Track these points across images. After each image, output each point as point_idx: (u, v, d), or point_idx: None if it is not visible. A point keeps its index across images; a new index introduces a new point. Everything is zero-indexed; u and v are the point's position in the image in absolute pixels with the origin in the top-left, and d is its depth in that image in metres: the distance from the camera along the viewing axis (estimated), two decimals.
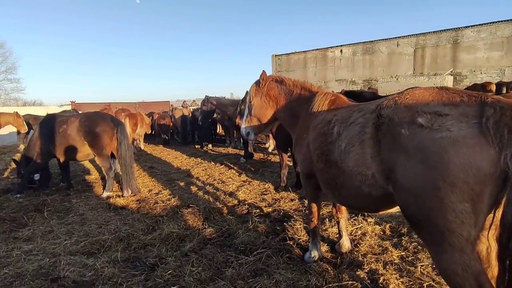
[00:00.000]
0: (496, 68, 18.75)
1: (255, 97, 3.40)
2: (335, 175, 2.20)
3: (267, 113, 3.39)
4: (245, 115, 3.61)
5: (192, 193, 5.59)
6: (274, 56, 30.25)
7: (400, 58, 22.48)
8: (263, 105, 3.38)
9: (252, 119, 3.50)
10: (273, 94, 3.30)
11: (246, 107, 3.59)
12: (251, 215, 4.37)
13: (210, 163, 8.22)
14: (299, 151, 2.92)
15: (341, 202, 2.45)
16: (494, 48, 18.81)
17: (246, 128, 3.58)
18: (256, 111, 3.42)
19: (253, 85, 3.46)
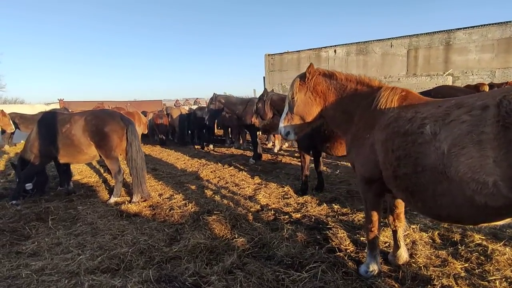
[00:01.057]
0: (487, 70, 19.11)
1: (299, 92, 3.07)
2: (430, 181, 1.90)
3: (312, 111, 3.07)
4: (284, 113, 3.27)
5: (208, 198, 5.19)
6: (267, 56, 29.95)
7: (393, 59, 22.61)
8: (308, 101, 3.05)
9: (293, 117, 3.16)
10: (320, 89, 2.98)
11: (286, 103, 3.24)
12: (281, 222, 4.05)
13: (217, 165, 7.81)
14: (359, 153, 2.60)
15: (428, 212, 2.12)
16: (485, 50, 19.16)
17: (285, 127, 3.24)
18: (299, 108, 3.09)
19: (296, 79, 3.13)
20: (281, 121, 3.29)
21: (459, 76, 20.14)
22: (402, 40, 22.21)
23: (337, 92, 2.91)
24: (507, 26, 18.41)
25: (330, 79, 2.96)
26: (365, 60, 24.17)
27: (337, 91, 2.91)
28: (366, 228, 2.73)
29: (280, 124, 3.30)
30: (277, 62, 29.28)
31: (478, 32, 19.36)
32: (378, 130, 2.40)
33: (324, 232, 3.63)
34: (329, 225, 3.83)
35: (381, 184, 2.49)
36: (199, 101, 24.02)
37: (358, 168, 2.64)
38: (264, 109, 5.63)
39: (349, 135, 2.79)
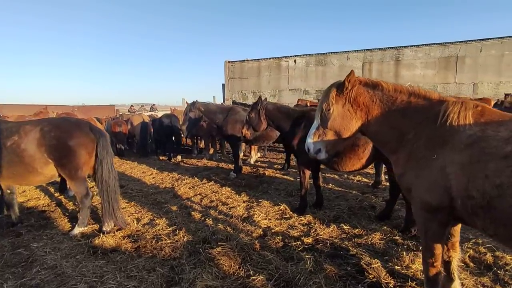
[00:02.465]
0: (430, 85, 21.01)
1: (335, 104, 2.63)
2: None
3: (351, 126, 2.64)
4: (314, 127, 2.80)
5: (198, 222, 4.45)
6: (227, 63, 29.57)
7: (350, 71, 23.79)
8: (346, 115, 2.62)
9: (326, 132, 2.71)
10: (363, 101, 2.58)
11: (318, 117, 2.77)
12: (294, 250, 3.53)
13: (194, 179, 7.01)
14: (421, 176, 2.21)
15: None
16: (429, 67, 21.13)
17: (316, 143, 2.76)
18: (335, 122, 2.65)
19: (332, 89, 2.68)
20: (310, 136, 2.81)
21: None
22: (357, 54, 23.51)
23: (383, 105, 2.52)
24: (446, 46, 20.49)
25: (374, 90, 2.58)
26: (323, 71, 25.09)
27: (383, 103, 2.52)
28: (426, 263, 2.34)
29: (309, 140, 2.81)
30: (237, 69, 28.99)
31: (422, 50, 21.27)
32: (452, 150, 2.04)
33: (351, 261, 3.19)
34: (352, 251, 3.42)
35: (449, 212, 2.14)
36: (156, 107, 22.49)
37: (419, 194, 2.25)
38: (259, 119, 5.10)
39: (401, 155, 2.41)
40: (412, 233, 3.80)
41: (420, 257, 3.16)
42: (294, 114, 4.94)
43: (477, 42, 19.24)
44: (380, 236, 3.81)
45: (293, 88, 26.47)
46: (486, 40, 19.00)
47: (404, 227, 3.90)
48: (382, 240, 3.72)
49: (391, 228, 4.05)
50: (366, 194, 5.50)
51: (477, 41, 19.25)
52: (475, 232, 3.76)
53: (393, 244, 3.62)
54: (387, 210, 4.40)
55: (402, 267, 3.03)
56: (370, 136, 2.67)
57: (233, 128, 6.95)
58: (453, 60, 19.99)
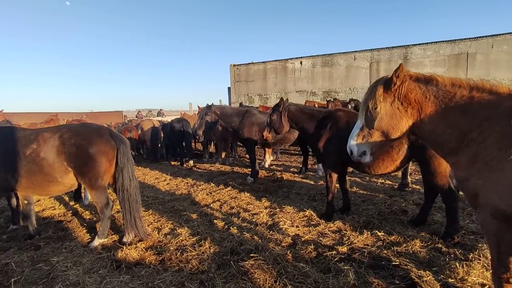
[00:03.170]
0: None
1: (383, 102, 2.41)
2: None
3: (401, 125, 2.41)
4: (357, 128, 2.59)
5: (222, 230, 4.23)
6: (232, 66, 29.49)
7: (357, 71, 23.55)
8: (395, 113, 2.40)
9: (372, 133, 2.49)
10: (414, 97, 2.35)
11: (362, 116, 2.55)
12: (330, 260, 3.28)
13: (210, 185, 6.80)
14: (492, 180, 1.97)
15: None
16: (438, 65, 20.76)
17: (360, 145, 2.55)
18: (383, 121, 2.43)
19: (378, 85, 2.46)
20: (353, 138, 2.60)
21: None
22: (364, 54, 23.23)
23: (438, 102, 2.28)
24: (455, 43, 20.13)
25: (427, 85, 2.34)
26: (330, 72, 24.84)
27: (438, 100, 2.29)
28: (499, 278, 2.08)
29: (352, 142, 2.60)
30: (243, 72, 28.89)
31: (431, 48, 20.93)
32: None
33: (397, 273, 2.94)
34: (394, 261, 3.16)
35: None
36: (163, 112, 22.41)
37: (491, 200, 2.00)
38: (281, 122, 4.88)
39: (464, 156, 2.16)
40: (455, 240, 3.53)
41: (475, 268, 2.91)
42: (318, 115, 4.71)
43: (488, 38, 18.88)
44: (420, 243, 3.55)
45: (300, 90, 26.24)
46: (498, 36, 18.62)
47: (445, 233, 3.63)
48: (424, 248, 3.46)
49: (429, 234, 3.80)
50: (394, 198, 5.23)
51: (488, 37, 18.88)
52: None
53: (437, 252, 3.36)
54: (422, 215, 4.13)
55: (457, 279, 2.77)
56: (423, 136, 2.43)
57: (250, 131, 6.74)
58: (464, 58, 19.62)
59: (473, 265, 2.97)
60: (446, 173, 3.56)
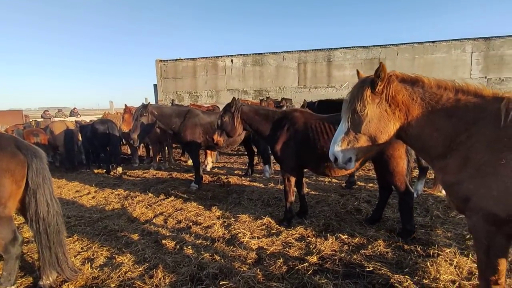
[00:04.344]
0: None
1: (371, 103, 2.21)
2: None
3: (389, 128, 2.25)
4: (342, 132, 2.33)
5: (173, 251, 3.60)
6: (158, 62, 27.56)
7: (286, 71, 24.45)
8: (383, 116, 2.23)
9: (359, 138, 2.28)
10: (401, 99, 2.21)
11: (346, 120, 2.31)
12: (304, 274, 3.02)
13: (148, 195, 5.95)
14: (485, 185, 1.93)
15: None
16: (356, 68, 22.98)
17: (345, 151, 2.31)
18: (370, 125, 2.23)
19: (364, 86, 2.25)
20: (337, 144, 2.33)
21: (338, 89, 23.44)
22: (292, 54, 24.24)
23: (425, 104, 2.18)
24: (369, 49, 22.55)
25: (413, 86, 2.22)
26: (261, 71, 25.23)
27: (425, 102, 2.18)
28: (486, 280, 2.07)
29: (336, 148, 2.33)
30: (171, 69, 27.25)
31: (350, 52, 23.04)
32: None
33: (376, 280, 2.83)
34: (367, 267, 3.07)
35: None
36: (77, 111, 19.46)
37: (482, 204, 1.96)
38: (233, 124, 4.44)
39: (452, 160, 2.10)
40: (410, 236, 3.66)
41: (442, 265, 3.00)
42: (274, 116, 4.44)
43: (394, 46, 21.66)
44: (383, 243, 3.58)
45: (231, 88, 25.99)
46: (401, 45, 21.52)
47: (403, 231, 3.74)
48: (388, 248, 3.49)
49: (388, 232, 3.88)
50: (346, 197, 5.32)
51: (394, 45, 21.66)
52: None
53: (401, 251, 3.41)
54: (377, 213, 4.23)
55: (430, 280, 2.80)
56: (410, 140, 2.31)
57: (193, 133, 6.10)
58: (376, 62, 22.06)
59: (439, 261, 3.07)
60: (403, 172, 3.66)
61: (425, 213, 4.45)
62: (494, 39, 19.79)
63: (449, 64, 20.49)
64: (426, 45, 20.98)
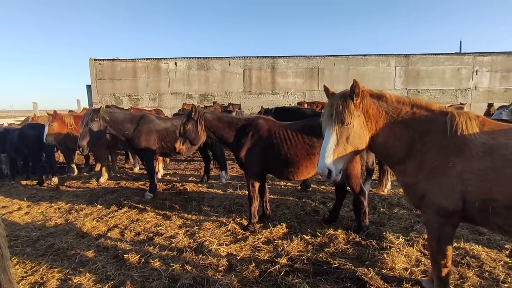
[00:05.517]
0: (300, 91, 24.29)
1: (355, 115, 2.42)
2: None
3: (366, 138, 2.50)
4: (332, 144, 2.40)
5: (138, 266, 3.39)
6: (93, 61, 25.31)
7: (232, 77, 24.66)
8: (362, 127, 2.46)
9: (346, 148, 2.43)
10: (372, 112, 2.48)
11: (334, 132, 2.40)
12: (275, 276, 3.15)
13: (96, 207, 5.45)
14: (437, 184, 2.30)
15: None
16: (298, 76, 24.34)
17: (337, 163, 2.41)
18: (355, 136, 2.44)
19: (347, 99, 2.42)
20: (329, 156, 2.38)
21: (283, 95, 24.51)
22: (238, 60, 24.57)
23: (389, 117, 2.50)
24: (310, 59, 24.07)
25: (379, 101, 2.52)
26: (206, 76, 25.02)
27: (388, 115, 2.50)
28: (438, 264, 2.46)
29: (328, 161, 2.37)
30: (107, 69, 25.29)
31: (293, 61, 24.28)
32: (469, 158, 2.20)
33: (344, 274, 3.09)
34: (333, 263, 3.33)
35: (460, 215, 2.31)
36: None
37: (434, 200, 2.33)
38: (197, 132, 4.38)
39: (410, 165, 2.45)
40: (365, 232, 4.07)
41: (395, 256, 3.40)
42: (238, 123, 4.50)
43: (332, 57, 23.52)
44: (343, 241, 3.91)
45: (175, 92, 25.20)
46: (338, 57, 23.47)
47: (358, 228, 4.13)
48: (348, 244, 3.82)
49: (345, 230, 4.24)
50: (303, 199, 5.62)
51: (332, 57, 23.52)
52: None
53: (359, 246, 3.77)
54: (334, 213, 4.58)
55: (388, 269, 3.16)
56: (376, 148, 2.59)
57: (148, 139, 5.80)
58: (316, 71, 23.71)
59: (391, 253, 3.48)
60: (358, 175, 4.06)
61: (373, 210, 4.97)
62: (412, 56, 22.91)
63: (378, 76, 23.04)
64: (358, 58, 23.25)
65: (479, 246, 3.60)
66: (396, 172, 2.64)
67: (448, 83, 23.24)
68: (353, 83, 2.44)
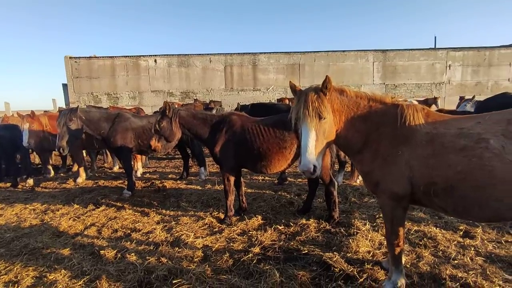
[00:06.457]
0: (282, 88, 24.52)
1: (329, 110, 2.53)
2: (499, 192, 2.08)
3: (333, 133, 2.63)
4: (313, 140, 2.39)
5: (115, 261, 3.46)
6: (68, 58, 24.57)
7: (213, 74, 24.58)
8: (332, 121, 2.57)
9: (323, 143, 2.49)
10: (336, 107, 2.62)
11: (312, 127, 2.41)
12: (248, 265, 3.31)
13: (73, 207, 5.43)
14: (388, 171, 2.51)
15: (476, 215, 2.32)
16: (279, 72, 24.54)
17: (319, 158, 2.42)
18: (329, 129, 2.53)
19: (321, 95, 2.50)
20: (312, 152, 2.36)
21: (264, 91, 24.66)
22: (219, 57, 24.50)
23: (350, 110, 2.66)
24: (291, 55, 24.30)
25: (341, 96, 2.68)
26: (187, 73, 24.81)
27: (349, 109, 2.66)
28: (392, 244, 2.67)
29: (311, 157, 2.35)
30: (84, 67, 24.64)
31: (274, 57, 24.44)
32: (415, 146, 2.41)
33: (312, 260, 3.29)
34: (303, 250, 3.52)
35: (409, 198, 2.54)
36: None
37: (387, 186, 2.54)
38: (172, 129, 4.46)
39: (367, 154, 2.64)
40: (336, 220, 4.29)
41: (360, 240, 3.64)
42: (212, 119, 4.62)
43: (312, 53, 23.85)
44: (314, 229, 4.11)
45: (156, 90, 24.87)
46: (318, 52, 23.83)
47: (329, 217, 4.35)
48: (318, 233, 4.03)
49: (316, 219, 4.44)
50: (279, 192, 5.81)
51: (312, 53, 23.86)
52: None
53: (329, 234, 3.98)
54: (307, 204, 4.79)
55: (352, 253, 3.38)
56: (339, 140, 2.68)
57: (124, 137, 5.81)
58: (297, 67, 23.98)
59: (358, 238, 3.71)
60: (328, 167, 4.27)
61: (345, 200, 5.22)
62: (389, 52, 23.58)
63: (357, 71, 23.59)
64: (338, 54, 23.69)
65: (436, 228, 3.91)
66: (355, 162, 2.84)
67: (424, 77, 24.10)
68: (325, 79, 2.52)
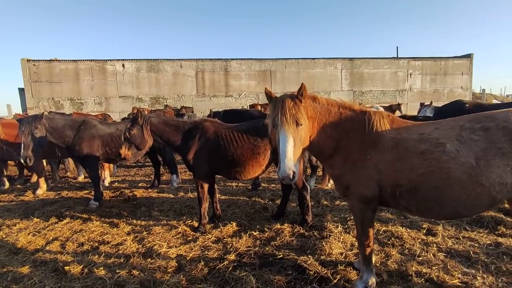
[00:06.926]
0: (254, 93, 24.75)
1: (304, 117, 2.55)
2: (456, 191, 2.26)
3: (308, 139, 2.67)
4: (291, 146, 2.41)
5: (81, 277, 3.26)
6: (26, 62, 23.07)
7: (184, 79, 24.26)
8: (307, 127, 2.61)
9: (299, 149, 2.52)
10: (310, 114, 2.69)
11: (290, 134, 2.43)
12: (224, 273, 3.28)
13: (33, 221, 5.04)
14: (358, 175, 2.63)
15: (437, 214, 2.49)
16: (251, 78, 24.77)
17: (297, 164, 2.44)
18: (305, 136, 2.59)
19: (297, 101, 2.54)
20: (291, 159, 2.37)
21: (236, 98, 24.74)
22: (190, 62, 24.27)
23: (322, 117, 2.74)
24: (262, 62, 24.67)
25: (314, 103, 2.76)
26: (157, 78, 24.30)
27: (322, 115, 2.74)
28: (363, 245, 2.78)
29: (290, 163, 2.36)
30: (44, 71, 23.28)
31: (246, 64, 24.65)
32: (381, 151, 2.55)
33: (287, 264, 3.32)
34: (278, 255, 3.55)
35: (378, 200, 2.67)
36: None
37: (357, 189, 2.65)
38: (143, 136, 4.33)
39: (337, 159, 2.75)
40: (309, 224, 4.38)
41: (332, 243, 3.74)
42: (184, 126, 4.55)
43: (283, 60, 24.37)
44: (289, 234, 4.17)
45: (124, 95, 24.04)
46: (289, 60, 24.38)
47: (302, 221, 4.43)
48: (293, 237, 4.08)
49: (291, 224, 4.51)
50: (253, 198, 5.82)
51: (283, 60, 24.38)
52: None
53: (303, 238, 4.05)
54: (281, 209, 4.85)
55: (326, 255, 3.47)
56: (311, 146, 2.74)
57: (90, 145, 5.54)
58: (268, 74, 24.36)
59: (330, 240, 3.82)
60: (301, 171, 4.36)
61: (317, 204, 5.35)
62: (356, 60, 24.71)
63: (326, 78, 24.43)
64: (308, 61, 24.41)
65: (402, 228, 4.12)
66: (326, 166, 2.94)
67: (388, 84, 25.51)
68: (301, 86, 2.59)
